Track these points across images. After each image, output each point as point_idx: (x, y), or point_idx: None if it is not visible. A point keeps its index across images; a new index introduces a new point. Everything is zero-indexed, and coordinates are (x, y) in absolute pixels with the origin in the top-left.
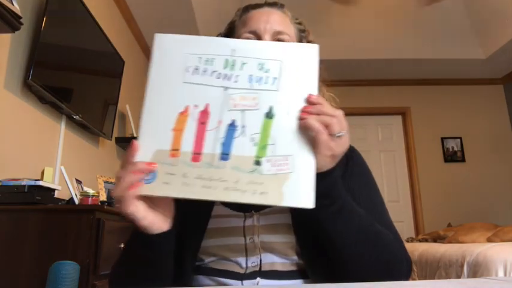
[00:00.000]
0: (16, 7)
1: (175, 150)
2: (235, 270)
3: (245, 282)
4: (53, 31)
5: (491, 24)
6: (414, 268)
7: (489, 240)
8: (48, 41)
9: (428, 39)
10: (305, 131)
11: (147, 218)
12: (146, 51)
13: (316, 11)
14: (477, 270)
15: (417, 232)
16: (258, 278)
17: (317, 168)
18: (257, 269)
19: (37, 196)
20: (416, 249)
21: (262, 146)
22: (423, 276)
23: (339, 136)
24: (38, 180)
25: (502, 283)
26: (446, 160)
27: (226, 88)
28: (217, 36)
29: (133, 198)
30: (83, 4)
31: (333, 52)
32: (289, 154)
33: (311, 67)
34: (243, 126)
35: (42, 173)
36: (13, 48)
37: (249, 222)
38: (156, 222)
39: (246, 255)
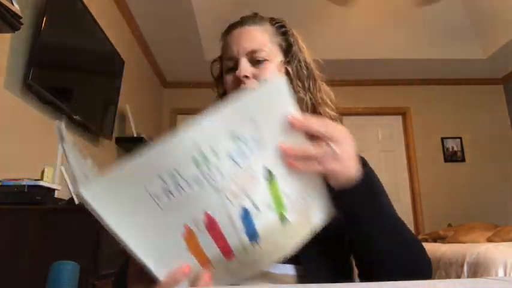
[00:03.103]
0: (16, 7)
1: (206, 263)
2: None
3: None
4: (53, 31)
5: (491, 24)
6: None
7: (489, 240)
8: (48, 41)
9: (428, 39)
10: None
11: None
12: (146, 51)
13: (315, 11)
14: (477, 270)
15: (417, 232)
16: None
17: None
18: None
19: (37, 196)
20: None
21: (279, 204)
22: None
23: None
24: (38, 180)
25: (502, 283)
26: (446, 160)
27: (215, 189)
28: (218, 57)
29: None
30: (83, 4)
31: (332, 52)
32: (301, 193)
33: (284, 101)
34: (254, 205)
35: (42, 173)
36: (13, 48)
37: None
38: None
39: None
